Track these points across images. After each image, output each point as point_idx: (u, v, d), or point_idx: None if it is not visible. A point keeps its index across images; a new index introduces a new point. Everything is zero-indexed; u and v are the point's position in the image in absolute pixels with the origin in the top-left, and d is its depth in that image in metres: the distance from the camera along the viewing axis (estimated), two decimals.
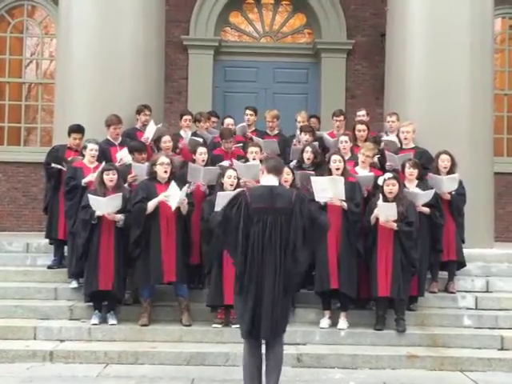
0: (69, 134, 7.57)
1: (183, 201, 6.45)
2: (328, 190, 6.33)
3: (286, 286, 4.67)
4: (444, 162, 7.10)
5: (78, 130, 7.53)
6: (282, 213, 4.69)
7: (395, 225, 6.32)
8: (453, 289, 7.13)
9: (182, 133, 7.92)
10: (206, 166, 7.02)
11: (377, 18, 11.52)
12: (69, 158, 7.39)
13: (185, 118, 8.25)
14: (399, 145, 7.65)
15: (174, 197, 6.36)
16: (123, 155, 7.24)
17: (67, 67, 8.42)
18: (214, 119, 8.75)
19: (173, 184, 6.40)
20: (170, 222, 6.48)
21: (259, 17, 12.28)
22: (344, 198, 6.40)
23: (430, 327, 6.63)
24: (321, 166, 7.20)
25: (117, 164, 7.07)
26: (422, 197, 6.69)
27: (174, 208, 6.37)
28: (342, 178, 6.42)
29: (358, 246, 6.44)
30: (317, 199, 6.33)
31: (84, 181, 6.96)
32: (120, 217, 6.44)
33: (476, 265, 7.65)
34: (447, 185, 6.99)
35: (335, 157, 6.58)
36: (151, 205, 6.41)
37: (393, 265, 6.33)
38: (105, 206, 6.34)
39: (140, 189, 6.56)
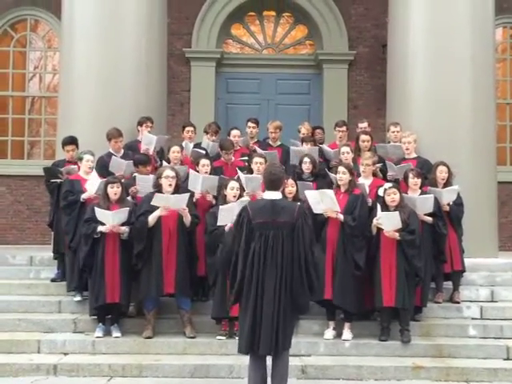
0: (63, 147, 7.59)
1: (183, 210, 6.43)
2: (321, 202, 6.35)
3: (293, 304, 4.68)
4: (442, 173, 7.10)
5: (70, 141, 7.54)
6: (284, 227, 4.69)
7: (397, 234, 6.31)
8: (458, 298, 7.10)
9: (183, 144, 7.94)
10: None
11: (378, 28, 11.58)
12: (63, 169, 7.38)
13: (187, 129, 8.25)
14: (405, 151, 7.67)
15: (164, 202, 6.37)
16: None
17: (70, 80, 8.46)
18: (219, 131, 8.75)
19: (157, 195, 6.40)
20: (172, 234, 6.48)
21: (261, 29, 12.34)
22: (338, 210, 6.39)
23: (435, 337, 6.60)
24: (321, 177, 7.22)
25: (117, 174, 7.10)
26: (421, 202, 6.67)
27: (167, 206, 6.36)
28: (332, 191, 6.43)
29: (357, 259, 6.38)
30: (314, 211, 6.35)
31: (83, 196, 6.92)
32: (124, 229, 6.45)
33: (480, 274, 7.63)
34: (447, 197, 6.97)
35: (340, 168, 6.59)
36: (151, 219, 6.41)
37: (397, 274, 6.31)
38: (111, 218, 6.34)
39: (144, 202, 6.57)
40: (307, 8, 11.96)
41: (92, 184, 6.88)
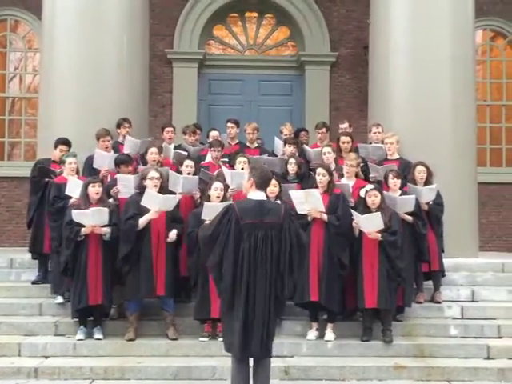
0: (55, 146, 7.52)
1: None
2: (305, 202, 6.36)
3: (276, 304, 4.69)
4: (420, 173, 7.14)
5: (65, 142, 7.49)
6: (273, 228, 4.69)
7: (379, 235, 6.34)
8: (439, 298, 7.14)
9: (163, 146, 7.92)
10: None
11: (360, 30, 11.64)
12: (58, 170, 7.31)
13: (166, 130, 8.25)
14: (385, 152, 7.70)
15: (153, 201, 6.35)
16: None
17: (51, 81, 8.39)
18: (197, 131, 8.74)
19: (148, 192, 6.38)
20: (161, 236, 6.46)
21: (243, 30, 12.36)
22: (323, 210, 6.41)
23: (417, 337, 6.63)
24: (305, 178, 7.24)
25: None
26: (402, 201, 6.71)
27: (157, 208, 6.34)
28: (317, 191, 6.43)
29: (342, 258, 6.40)
30: (298, 211, 6.36)
31: (71, 202, 6.81)
32: (106, 230, 6.40)
33: (461, 274, 7.69)
34: (426, 195, 7.02)
35: (319, 170, 6.59)
36: (142, 222, 6.38)
37: (379, 275, 6.33)
38: (91, 216, 6.28)
39: (130, 204, 6.51)
40: (289, 9, 12.00)
41: (71, 189, 6.78)
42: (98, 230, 6.36)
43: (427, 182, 7.15)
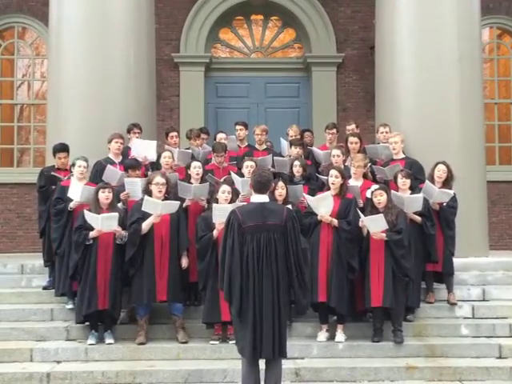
0: (54, 154, 7.56)
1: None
2: (318, 207, 6.37)
3: (285, 305, 4.71)
4: (439, 171, 7.10)
5: (62, 149, 7.52)
6: (275, 230, 4.70)
7: (384, 235, 6.32)
8: (453, 300, 7.06)
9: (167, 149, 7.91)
10: (201, 180, 7.03)
11: (366, 31, 11.63)
12: (64, 177, 7.34)
13: (171, 135, 8.19)
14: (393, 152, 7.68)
15: (153, 206, 6.37)
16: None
17: (59, 87, 8.44)
18: (203, 136, 8.74)
19: (147, 198, 6.40)
20: (164, 241, 6.48)
21: (249, 33, 12.37)
22: (329, 212, 6.39)
23: (428, 337, 6.62)
24: (312, 179, 7.24)
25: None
26: (410, 201, 6.69)
27: (159, 213, 6.36)
28: (330, 195, 6.43)
29: (352, 263, 6.39)
30: (314, 211, 6.40)
31: (71, 205, 6.88)
32: (124, 233, 6.44)
33: (472, 274, 7.66)
34: (438, 196, 6.97)
35: (332, 171, 6.59)
36: (145, 226, 6.41)
37: (384, 274, 6.31)
38: (100, 222, 6.29)
39: (135, 209, 6.55)
40: (294, 11, 12.00)
41: (74, 191, 6.83)
42: (118, 233, 6.39)
43: (446, 183, 7.09)
